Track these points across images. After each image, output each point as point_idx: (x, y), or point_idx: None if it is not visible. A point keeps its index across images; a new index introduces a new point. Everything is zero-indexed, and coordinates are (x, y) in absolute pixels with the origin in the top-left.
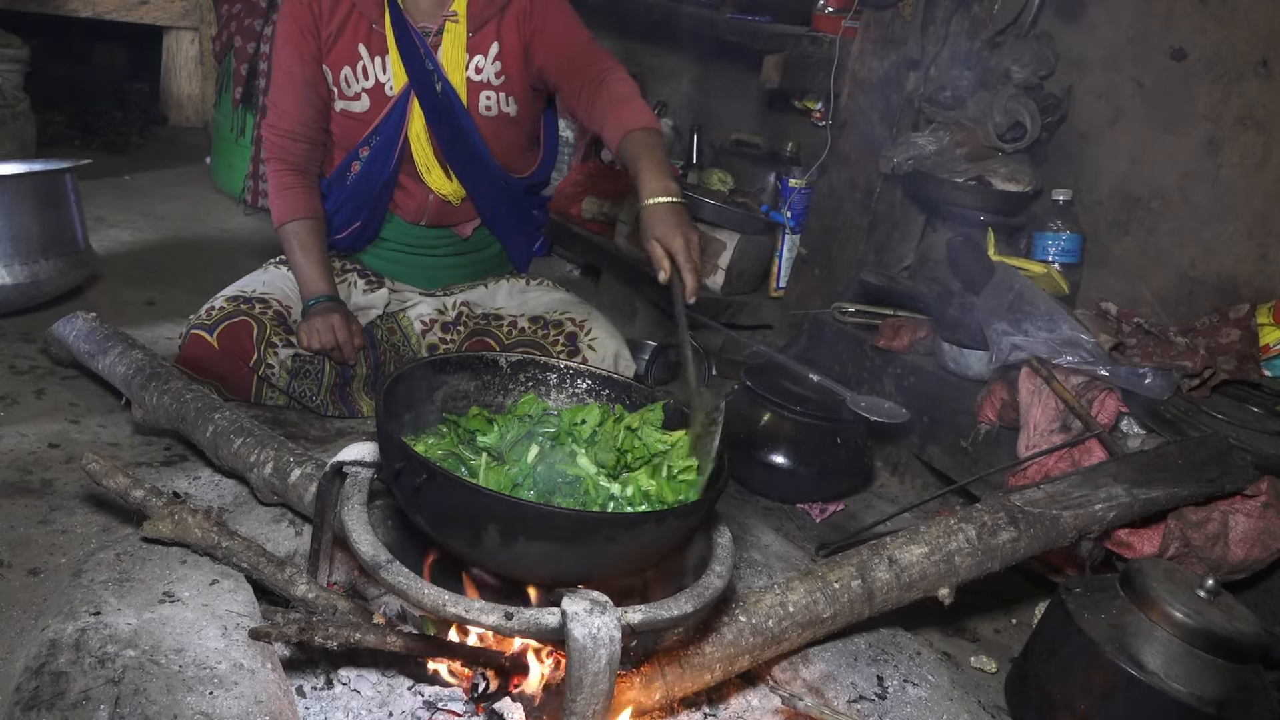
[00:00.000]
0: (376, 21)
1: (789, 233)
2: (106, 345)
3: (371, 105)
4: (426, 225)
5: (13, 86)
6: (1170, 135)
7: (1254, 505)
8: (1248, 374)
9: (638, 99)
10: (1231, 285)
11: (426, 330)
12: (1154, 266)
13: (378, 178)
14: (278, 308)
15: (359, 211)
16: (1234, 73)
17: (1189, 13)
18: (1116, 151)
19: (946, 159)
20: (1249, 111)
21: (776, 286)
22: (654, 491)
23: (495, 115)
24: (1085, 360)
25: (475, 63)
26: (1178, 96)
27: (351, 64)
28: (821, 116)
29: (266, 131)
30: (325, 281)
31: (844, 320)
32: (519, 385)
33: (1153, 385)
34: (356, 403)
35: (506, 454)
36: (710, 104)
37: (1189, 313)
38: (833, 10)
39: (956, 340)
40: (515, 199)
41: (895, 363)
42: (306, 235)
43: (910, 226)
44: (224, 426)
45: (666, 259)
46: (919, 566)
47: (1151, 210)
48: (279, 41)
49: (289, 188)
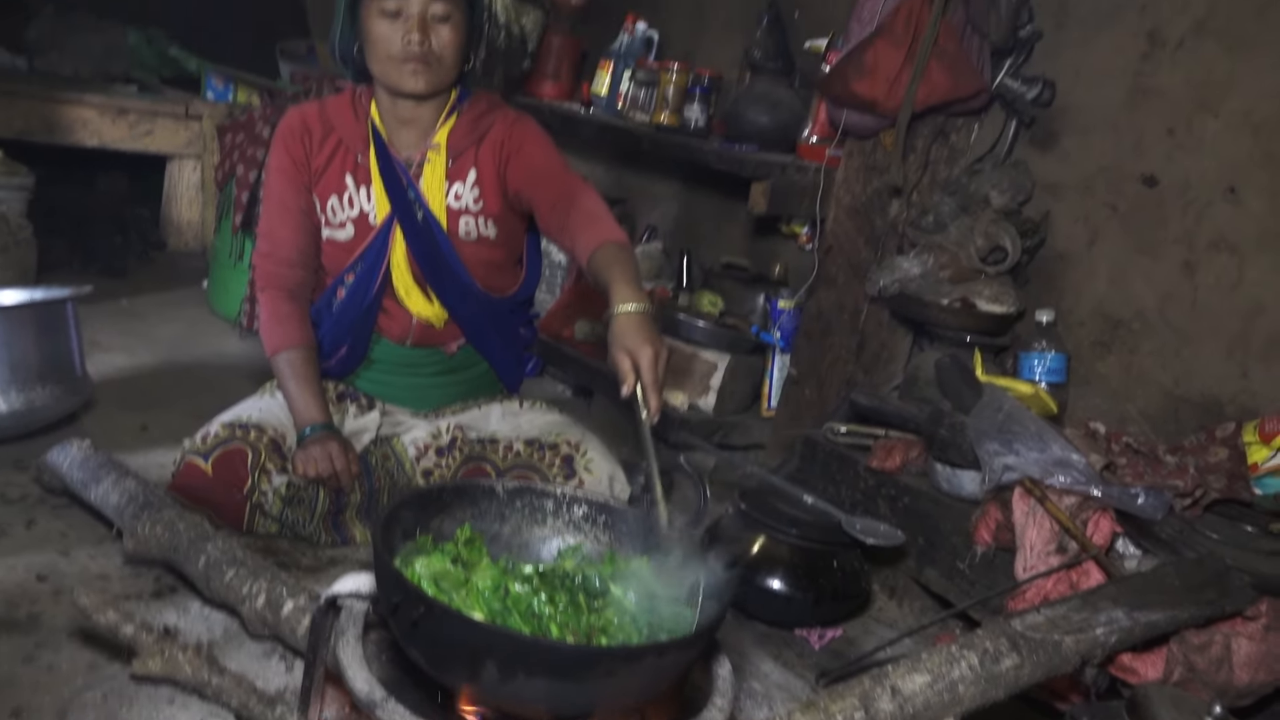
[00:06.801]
0: (361, 154)
1: (779, 353)
2: (100, 474)
3: (356, 234)
4: (412, 345)
5: (17, 214)
6: (1147, 257)
7: (1256, 628)
8: (1238, 493)
9: (608, 217)
10: (1216, 403)
11: (421, 455)
12: (1139, 385)
13: (361, 302)
14: (273, 434)
15: (345, 336)
16: (1204, 199)
17: (1157, 142)
18: (1095, 273)
19: (931, 281)
20: (1221, 235)
21: (768, 407)
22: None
23: (475, 239)
24: (1078, 480)
25: (455, 190)
26: (1152, 221)
27: (338, 194)
28: (808, 240)
29: (260, 261)
30: (320, 410)
31: (836, 441)
32: (515, 512)
33: (1146, 505)
34: (350, 530)
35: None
36: (699, 228)
37: (1176, 431)
38: (817, 140)
39: (948, 460)
40: (500, 318)
41: (889, 484)
42: (301, 364)
43: (898, 347)
44: (217, 557)
45: (632, 374)
46: (922, 696)
47: (1133, 330)
48: (272, 173)
49: (283, 316)
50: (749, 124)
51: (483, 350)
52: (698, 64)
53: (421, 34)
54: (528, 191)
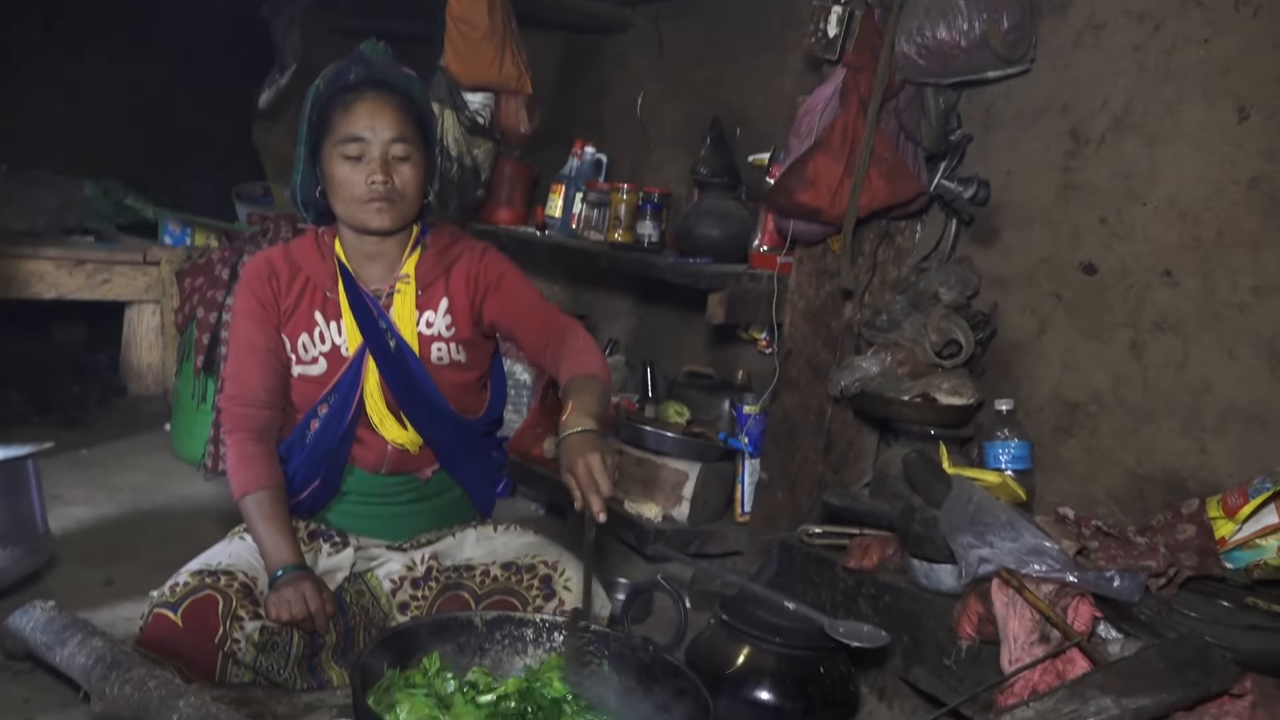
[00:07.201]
0: (330, 290)
1: (748, 458)
2: (65, 635)
3: (328, 368)
4: (387, 474)
5: None
6: (1095, 342)
7: (1243, 705)
8: (1210, 569)
9: (594, 350)
10: (1178, 480)
11: (396, 589)
12: (1102, 467)
13: (335, 433)
14: (244, 579)
15: (318, 468)
16: (1142, 283)
17: (1092, 232)
18: (1048, 360)
19: (890, 378)
20: (1163, 316)
21: (741, 512)
22: None
23: (447, 363)
24: (1053, 568)
25: (426, 318)
26: (1096, 306)
27: (309, 330)
28: (767, 345)
29: (226, 404)
30: (292, 550)
31: (811, 543)
32: (495, 644)
33: (1122, 588)
34: (326, 673)
35: None
36: (660, 339)
37: (1144, 510)
38: (768, 249)
39: (925, 556)
40: (473, 442)
41: (868, 583)
42: (270, 504)
43: (864, 444)
44: (189, 715)
45: (579, 490)
46: None
47: (1090, 413)
48: (239, 317)
49: (251, 458)
50: (701, 237)
51: (456, 474)
52: (646, 182)
53: (384, 174)
54: (508, 325)
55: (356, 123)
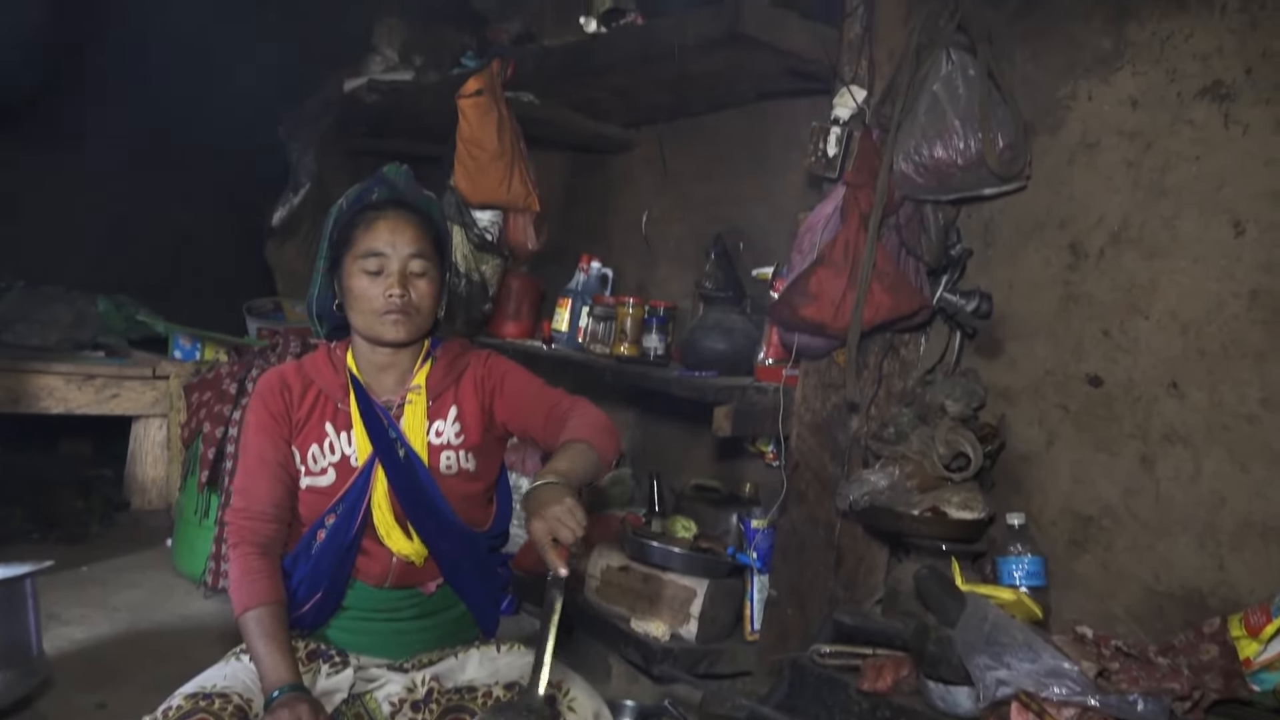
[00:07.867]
0: (341, 401)
1: (757, 574)
2: None
3: (338, 478)
4: (391, 587)
5: None
6: (1104, 454)
7: None
8: (1236, 691)
9: (591, 422)
10: (1198, 596)
11: (396, 711)
12: (1118, 583)
13: (340, 543)
14: (239, 701)
15: (323, 579)
16: (1149, 395)
17: (1095, 344)
18: (1058, 472)
19: (900, 492)
20: (1172, 429)
21: (751, 630)
22: None
23: (456, 472)
24: (1073, 691)
25: (436, 427)
26: (1103, 418)
27: (319, 442)
28: (774, 458)
29: (232, 516)
30: (290, 669)
31: (823, 663)
32: None
33: (1146, 713)
34: None
35: None
36: (667, 452)
37: (1164, 628)
38: (773, 361)
39: (940, 677)
40: (479, 556)
41: (883, 705)
42: (271, 622)
43: (875, 559)
44: None
45: (538, 543)
46: None
47: (1104, 527)
48: (250, 430)
49: (255, 572)
50: (706, 351)
51: (460, 589)
52: (652, 297)
53: (402, 288)
54: (520, 423)
55: (378, 239)
